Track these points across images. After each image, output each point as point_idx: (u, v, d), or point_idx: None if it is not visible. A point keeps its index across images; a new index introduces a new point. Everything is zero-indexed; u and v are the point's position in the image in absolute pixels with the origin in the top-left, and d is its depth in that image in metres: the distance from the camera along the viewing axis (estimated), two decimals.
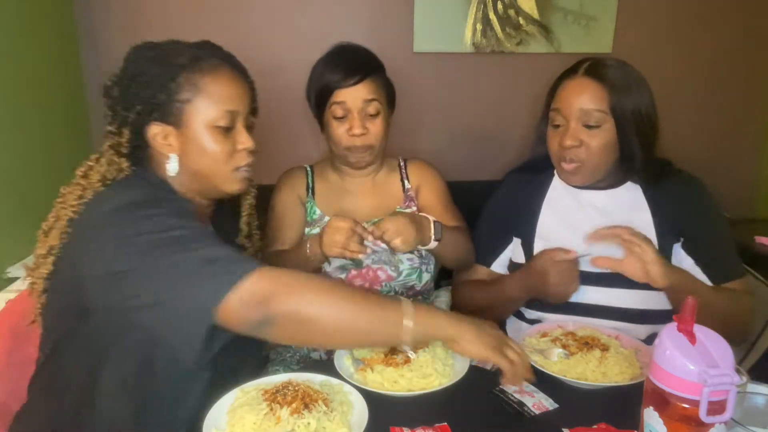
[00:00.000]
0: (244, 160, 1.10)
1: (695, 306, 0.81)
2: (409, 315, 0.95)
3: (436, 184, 1.60)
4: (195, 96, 1.04)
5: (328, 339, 0.97)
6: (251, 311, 0.89)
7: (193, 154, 1.06)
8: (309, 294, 0.92)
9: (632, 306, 1.34)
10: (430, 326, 0.98)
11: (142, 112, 1.04)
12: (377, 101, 1.45)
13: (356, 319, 0.94)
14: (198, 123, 1.05)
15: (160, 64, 1.04)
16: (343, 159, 1.52)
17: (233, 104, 1.07)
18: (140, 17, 2.08)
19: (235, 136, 1.09)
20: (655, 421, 0.82)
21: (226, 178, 1.10)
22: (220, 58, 1.09)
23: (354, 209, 1.56)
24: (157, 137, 1.06)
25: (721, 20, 2.36)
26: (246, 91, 1.11)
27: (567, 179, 1.41)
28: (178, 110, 1.04)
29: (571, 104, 1.32)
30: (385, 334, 0.97)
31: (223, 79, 1.07)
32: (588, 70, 1.34)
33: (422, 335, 0.98)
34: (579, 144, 1.32)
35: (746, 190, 2.57)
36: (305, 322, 0.92)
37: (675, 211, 1.36)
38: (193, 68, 1.05)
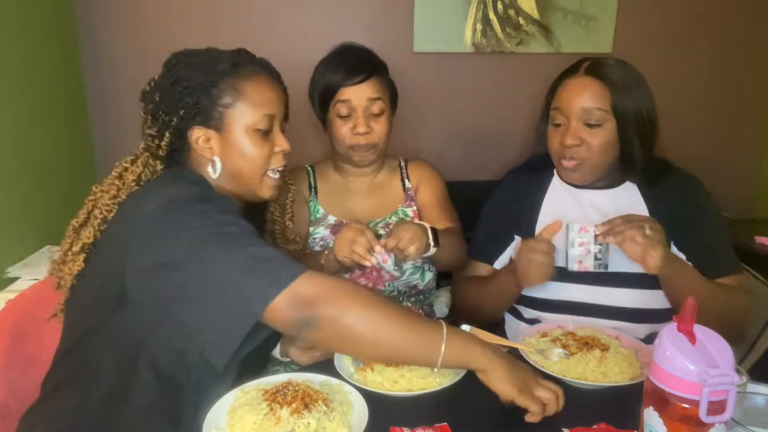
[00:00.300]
0: (280, 161, 1.15)
1: (695, 306, 0.81)
2: (445, 341, 0.97)
3: (434, 183, 1.61)
4: (236, 101, 1.08)
5: (364, 351, 0.99)
6: (297, 312, 0.91)
7: (234, 156, 1.10)
8: (354, 304, 0.94)
9: (631, 305, 1.34)
10: (463, 355, 0.98)
11: (186, 116, 1.08)
12: (381, 100, 1.46)
13: (395, 337, 0.95)
14: (239, 127, 1.09)
15: (202, 70, 1.08)
16: (346, 158, 1.52)
17: (271, 108, 1.11)
18: (140, 17, 2.08)
19: (272, 138, 1.13)
20: (655, 421, 0.82)
21: (263, 182, 1.14)
22: (257, 65, 1.14)
23: (356, 208, 1.57)
24: (200, 140, 1.10)
25: (721, 20, 2.36)
26: (281, 95, 1.16)
27: (567, 177, 1.41)
28: (220, 114, 1.08)
29: (572, 103, 1.32)
30: (419, 356, 0.98)
31: (262, 84, 1.11)
32: (589, 69, 1.34)
33: (453, 362, 0.99)
34: (580, 143, 1.32)
35: (746, 190, 2.57)
36: (345, 331, 0.93)
37: (672, 210, 1.37)
38: (234, 74, 1.09)
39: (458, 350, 0.97)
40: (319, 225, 1.55)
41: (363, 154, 1.49)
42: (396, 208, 1.57)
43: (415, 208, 1.58)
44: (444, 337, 0.96)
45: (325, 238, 1.54)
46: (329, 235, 1.53)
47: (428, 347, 0.96)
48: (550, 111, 1.39)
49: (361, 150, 1.48)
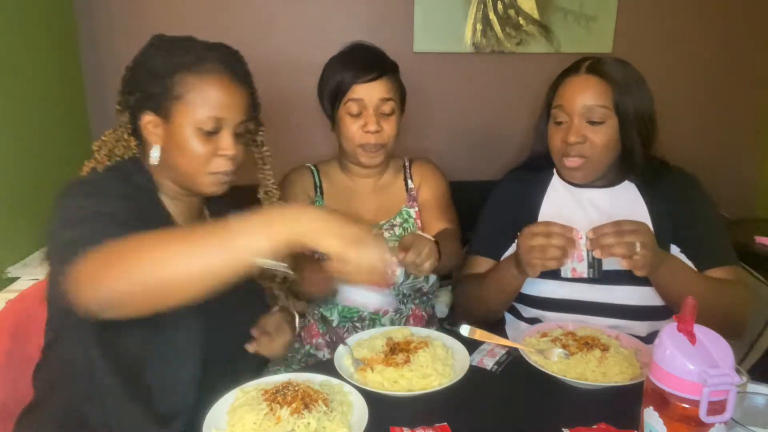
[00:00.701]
0: (222, 166, 1.10)
1: (695, 306, 0.81)
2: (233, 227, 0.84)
3: (436, 182, 1.61)
4: (186, 95, 1.06)
5: (174, 294, 0.85)
6: (86, 292, 0.84)
7: (174, 149, 1.09)
8: (134, 259, 0.83)
9: (630, 302, 1.34)
10: (267, 226, 0.84)
11: (140, 99, 1.09)
12: (393, 101, 1.46)
13: (187, 261, 0.83)
14: (184, 121, 1.07)
15: (164, 58, 1.08)
16: (354, 158, 1.51)
17: (222, 112, 1.08)
18: (140, 18, 2.08)
19: (218, 140, 1.09)
20: (655, 421, 0.81)
21: (202, 180, 1.11)
22: (224, 64, 1.10)
23: (361, 210, 1.57)
24: (149, 125, 1.09)
25: (721, 20, 2.36)
26: (241, 101, 1.11)
27: (570, 176, 1.41)
28: (169, 105, 1.07)
29: (574, 101, 1.33)
30: (220, 257, 0.83)
31: (218, 86, 1.07)
32: (590, 68, 1.35)
33: (267, 240, 0.82)
34: (583, 140, 1.32)
35: (746, 190, 2.57)
36: (138, 293, 0.83)
37: (671, 209, 1.37)
38: (192, 69, 1.07)
39: (258, 230, 0.83)
40: None
41: (372, 155, 1.48)
42: (400, 209, 1.57)
43: (417, 209, 1.58)
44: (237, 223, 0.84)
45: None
46: None
47: (218, 242, 0.83)
48: (551, 110, 1.39)
49: (370, 149, 1.47)
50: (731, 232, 1.44)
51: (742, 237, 2.17)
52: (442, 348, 1.18)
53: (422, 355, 1.13)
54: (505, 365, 1.20)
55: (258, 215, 0.86)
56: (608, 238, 1.16)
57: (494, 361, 1.21)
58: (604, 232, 1.16)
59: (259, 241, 0.83)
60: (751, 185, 2.58)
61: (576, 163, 1.35)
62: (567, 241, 1.19)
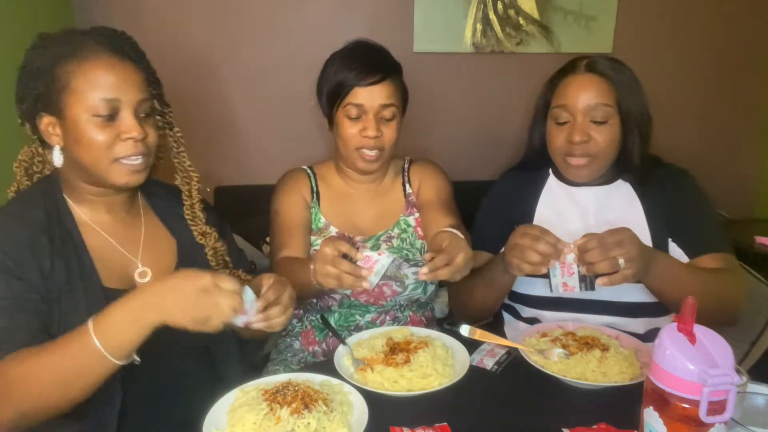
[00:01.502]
0: (127, 150, 1.04)
1: (695, 306, 0.81)
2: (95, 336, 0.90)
3: (436, 181, 1.55)
4: (71, 84, 1.02)
5: (63, 403, 0.94)
6: None
7: (74, 144, 1.04)
8: (11, 394, 0.91)
9: (628, 300, 1.34)
10: (125, 331, 0.91)
11: (30, 104, 1.05)
12: (394, 106, 1.41)
13: (62, 375, 0.91)
14: (76, 112, 1.02)
15: (42, 54, 1.04)
16: (351, 162, 1.47)
17: (112, 92, 1.02)
18: (140, 18, 2.08)
19: (119, 124, 1.04)
20: (655, 421, 0.81)
21: (108, 170, 1.05)
22: (104, 44, 1.04)
23: (358, 217, 1.53)
24: (48, 128, 1.06)
25: (721, 20, 2.36)
26: (133, 78, 1.05)
27: (574, 175, 1.40)
28: (57, 100, 1.03)
29: (577, 100, 1.33)
30: (88, 365, 0.91)
31: (100, 66, 1.02)
32: (590, 67, 1.35)
33: (121, 344, 0.91)
34: (588, 139, 1.32)
35: (746, 190, 2.57)
36: (35, 412, 0.93)
37: (666, 205, 1.38)
38: (71, 56, 1.02)
39: (116, 331, 0.90)
40: (321, 236, 1.48)
41: (369, 160, 1.43)
42: (398, 218, 1.53)
43: (417, 216, 1.53)
44: (92, 334, 0.89)
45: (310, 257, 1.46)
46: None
47: (89, 355, 0.90)
48: (551, 109, 1.38)
49: (367, 152, 1.42)
50: (731, 232, 1.45)
51: (742, 237, 2.17)
52: (442, 348, 1.18)
53: (422, 355, 1.13)
54: (505, 365, 1.20)
55: (120, 310, 0.91)
56: (593, 255, 1.14)
57: (494, 361, 1.21)
58: (588, 248, 1.15)
59: (129, 341, 0.91)
60: (751, 185, 2.58)
61: (582, 163, 1.35)
62: (551, 251, 1.17)
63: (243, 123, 2.23)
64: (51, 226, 1.05)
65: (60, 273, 1.02)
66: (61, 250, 1.04)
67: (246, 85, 2.19)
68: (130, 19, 2.08)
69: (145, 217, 1.21)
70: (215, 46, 2.14)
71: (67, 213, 1.09)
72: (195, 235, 1.22)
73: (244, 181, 2.21)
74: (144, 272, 1.14)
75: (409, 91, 1.51)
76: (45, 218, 1.05)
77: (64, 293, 1.02)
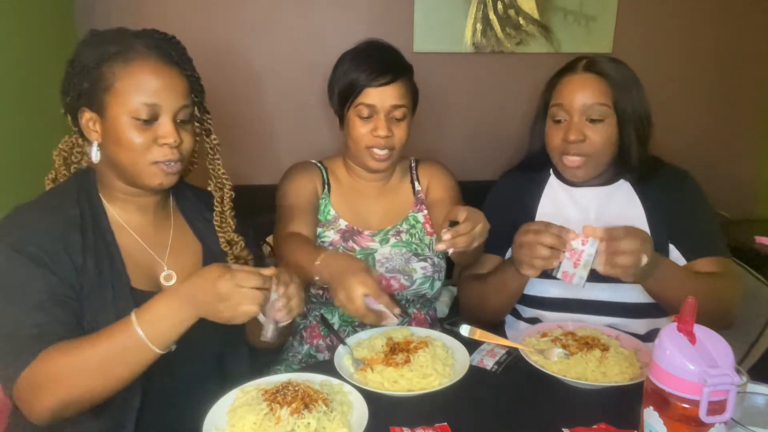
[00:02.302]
0: (163, 155, 1.06)
1: (695, 306, 0.81)
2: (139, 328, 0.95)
3: (445, 181, 1.57)
4: (115, 84, 1.03)
5: (104, 392, 0.97)
6: (28, 416, 0.98)
7: (112, 143, 1.06)
8: (55, 383, 0.94)
9: (629, 300, 1.34)
10: (166, 325, 0.96)
11: (74, 98, 1.07)
12: (405, 107, 1.42)
13: (104, 364, 0.95)
14: (117, 112, 1.03)
15: (91, 51, 1.05)
16: (361, 160, 1.47)
17: (154, 97, 1.04)
18: (140, 18, 2.08)
19: (157, 129, 1.05)
20: (655, 421, 0.82)
21: (143, 171, 1.06)
22: (152, 48, 1.05)
23: (367, 213, 1.54)
24: (89, 123, 1.07)
25: (720, 20, 2.36)
26: (176, 84, 1.07)
27: (570, 175, 1.40)
28: (100, 98, 1.04)
29: (574, 99, 1.33)
30: (131, 355, 0.96)
31: (146, 70, 1.04)
32: (588, 66, 1.35)
33: (167, 335, 0.96)
34: (583, 138, 1.32)
35: (746, 190, 2.57)
36: (75, 402, 0.96)
37: (666, 206, 1.38)
38: (118, 57, 1.03)
39: (159, 322, 0.95)
40: (329, 228, 1.50)
41: (379, 159, 1.44)
42: (407, 214, 1.54)
43: (425, 212, 1.55)
44: (135, 324, 0.94)
45: (334, 243, 1.48)
46: (339, 240, 1.49)
47: (132, 344, 0.95)
48: (549, 108, 1.39)
49: (378, 151, 1.43)
50: (731, 232, 1.45)
51: (742, 237, 2.17)
52: (442, 348, 1.18)
53: (422, 355, 1.13)
54: (505, 365, 1.20)
55: (163, 303, 0.96)
56: (627, 243, 1.12)
57: (494, 361, 1.21)
58: (615, 236, 1.13)
59: (170, 331, 0.96)
60: (751, 185, 2.58)
61: (576, 162, 1.35)
62: (558, 242, 1.16)
63: (243, 123, 2.23)
64: (85, 224, 1.06)
65: (91, 271, 1.03)
66: (93, 249, 1.05)
67: (246, 85, 2.19)
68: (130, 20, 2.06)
69: (174, 219, 1.22)
70: (215, 46, 2.14)
71: (102, 212, 1.10)
72: (221, 242, 1.22)
73: (244, 181, 2.20)
74: (169, 275, 1.15)
75: None
76: (80, 216, 1.07)
77: (94, 291, 1.03)
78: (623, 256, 1.12)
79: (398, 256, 1.48)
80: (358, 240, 1.49)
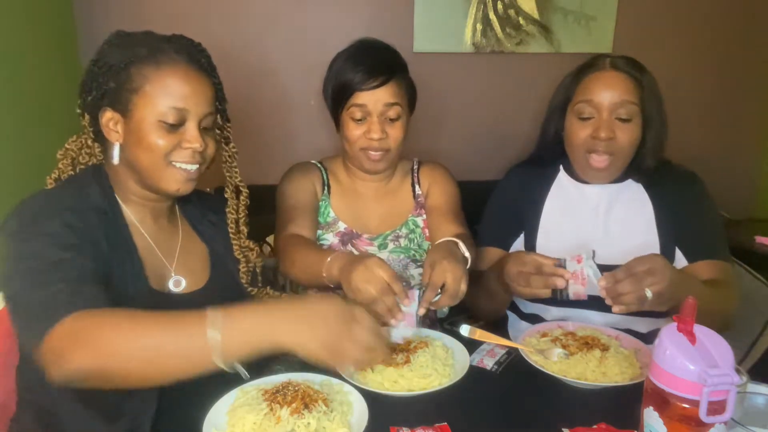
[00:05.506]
0: (184, 157, 1.06)
1: (695, 306, 0.81)
2: (215, 325, 0.84)
3: (446, 186, 1.55)
4: (143, 88, 1.03)
5: (139, 379, 0.88)
6: (54, 369, 0.85)
7: (134, 145, 1.05)
8: (101, 342, 0.85)
9: None
10: (245, 333, 0.86)
11: (96, 97, 1.06)
12: (399, 105, 1.39)
13: (158, 349, 0.85)
14: (143, 115, 1.03)
15: (119, 52, 1.05)
16: (357, 162, 1.47)
17: (184, 102, 1.04)
18: (140, 18, 2.08)
19: (183, 133, 1.06)
20: (655, 421, 0.82)
21: (162, 174, 1.06)
22: (182, 54, 1.06)
23: (366, 215, 1.52)
24: (110, 123, 1.06)
25: (721, 20, 2.36)
26: (204, 91, 1.08)
27: (593, 176, 1.39)
28: (127, 99, 1.04)
29: (604, 96, 1.32)
30: (190, 354, 0.86)
31: (177, 75, 1.04)
32: (615, 65, 1.35)
33: (238, 349, 0.86)
34: (613, 136, 1.32)
35: (746, 190, 2.57)
36: (111, 373, 0.85)
37: (675, 207, 1.38)
38: (149, 60, 1.03)
39: (239, 336, 0.86)
40: (328, 230, 1.49)
41: (375, 161, 1.43)
42: (407, 218, 1.52)
43: (425, 217, 1.53)
44: (216, 321, 0.85)
45: (333, 246, 1.47)
46: (338, 243, 1.48)
47: (195, 338, 0.85)
48: (575, 105, 1.37)
49: (373, 153, 1.42)
50: (731, 232, 1.45)
51: (742, 237, 2.17)
52: (442, 348, 1.18)
53: (422, 355, 1.13)
54: (505, 365, 1.20)
55: (241, 318, 0.87)
56: (625, 285, 1.10)
57: (494, 361, 1.21)
58: (618, 279, 1.11)
59: (238, 348, 0.86)
60: (751, 185, 2.58)
61: (604, 163, 1.34)
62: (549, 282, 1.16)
63: (242, 123, 2.22)
64: (108, 219, 1.06)
65: (114, 265, 1.02)
66: (115, 245, 1.04)
67: (245, 85, 2.19)
68: (130, 20, 2.08)
69: (182, 225, 1.22)
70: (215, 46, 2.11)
71: (119, 210, 1.10)
72: (234, 250, 1.22)
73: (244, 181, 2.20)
74: (178, 281, 1.14)
75: None
76: (103, 210, 1.06)
77: (117, 286, 1.01)
78: (626, 296, 1.11)
79: (396, 262, 1.47)
80: (357, 243, 1.48)
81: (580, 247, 1.30)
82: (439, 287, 1.16)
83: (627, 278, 1.10)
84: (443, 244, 1.27)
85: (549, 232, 1.43)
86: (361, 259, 1.14)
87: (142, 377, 0.87)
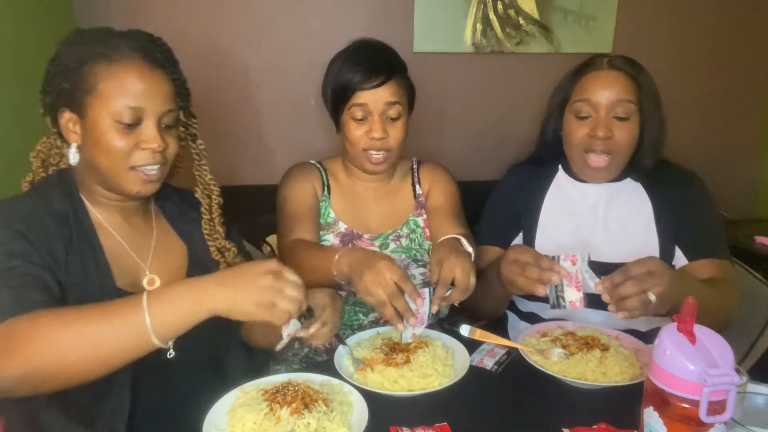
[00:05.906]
0: (144, 159, 1.03)
1: (695, 306, 0.81)
2: (145, 303, 0.85)
3: (446, 186, 1.55)
4: (96, 87, 1.00)
5: (85, 369, 0.87)
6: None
7: (92, 146, 1.03)
8: (37, 341, 0.84)
9: None
10: (177, 306, 0.86)
11: (54, 98, 1.04)
12: (399, 104, 1.40)
13: (94, 336, 0.85)
14: (98, 115, 1.01)
15: (73, 51, 1.02)
16: (359, 163, 1.47)
17: (138, 100, 1.01)
18: (140, 18, 2.08)
19: (140, 133, 1.02)
20: (655, 421, 0.82)
21: (123, 177, 1.04)
22: (137, 50, 1.02)
23: (367, 217, 1.52)
24: (68, 124, 1.04)
25: (720, 20, 2.36)
26: (162, 88, 1.03)
27: (591, 176, 1.40)
28: (81, 100, 1.01)
29: (602, 94, 1.33)
30: (126, 336, 0.86)
31: (131, 73, 1.00)
32: (613, 64, 1.36)
33: (172, 323, 0.86)
34: (611, 135, 1.32)
35: (746, 190, 2.57)
36: (48, 374, 0.85)
37: (673, 205, 1.38)
38: (101, 58, 1.00)
39: (172, 309, 0.86)
40: (329, 231, 1.48)
41: (376, 162, 1.43)
42: (407, 218, 1.52)
43: (425, 217, 1.53)
44: (144, 304, 0.85)
45: (334, 247, 1.46)
46: (339, 244, 1.47)
47: (131, 327, 0.85)
48: (572, 104, 1.37)
49: (375, 154, 1.42)
50: (731, 232, 1.45)
51: (742, 237, 2.17)
52: (442, 348, 1.18)
53: (422, 355, 1.13)
54: (505, 365, 1.20)
55: (171, 291, 0.88)
56: (627, 288, 1.09)
57: (494, 361, 1.21)
58: (616, 282, 1.10)
59: (172, 321, 0.86)
60: (751, 185, 2.58)
61: (602, 163, 1.34)
62: (544, 276, 1.16)
63: (242, 123, 2.23)
64: (70, 220, 1.04)
65: (75, 268, 1.01)
66: (78, 246, 1.03)
67: (244, 85, 2.19)
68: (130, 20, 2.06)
69: (157, 222, 1.20)
70: (215, 46, 2.14)
71: (84, 213, 1.08)
72: (212, 251, 1.21)
73: (243, 181, 2.20)
74: (152, 279, 1.12)
75: None
76: (65, 214, 1.04)
77: (76, 290, 1.00)
78: (628, 300, 1.10)
79: (398, 262, 1.46)
80: (358, 244, 1.48)
81: (579, 247, 1.30)
82: (449, 283, 1.16)
83: (627, 281, 1.09)
84: (447, 241, 1.27)
85: (548, 231, 1.43)
86: (371, 261, 1.13)
87: (87, 367, 0.87)
